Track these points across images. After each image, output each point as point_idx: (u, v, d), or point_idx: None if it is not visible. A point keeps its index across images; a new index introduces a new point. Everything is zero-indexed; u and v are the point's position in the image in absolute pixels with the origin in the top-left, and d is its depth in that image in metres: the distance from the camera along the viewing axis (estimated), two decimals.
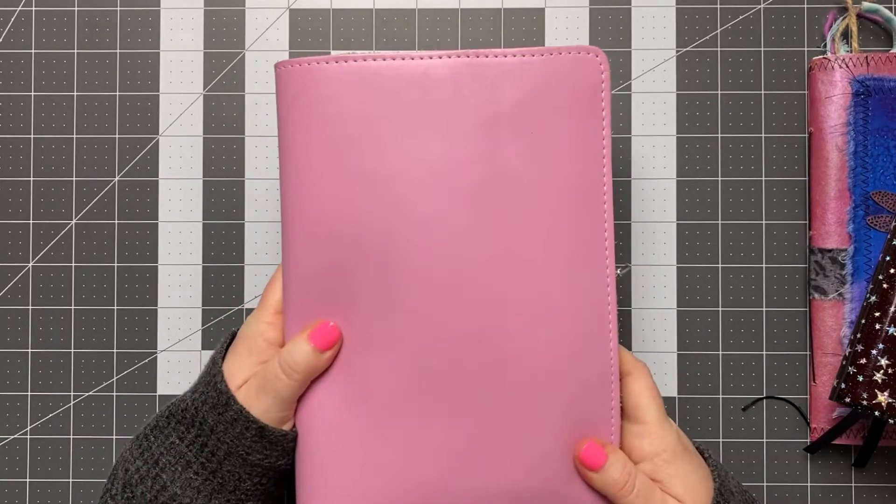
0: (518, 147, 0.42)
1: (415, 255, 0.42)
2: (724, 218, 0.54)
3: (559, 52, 0.43)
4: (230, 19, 0.55)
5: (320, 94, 0.43)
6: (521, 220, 0.43)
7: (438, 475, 0.43)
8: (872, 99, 0.51)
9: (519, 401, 0.43)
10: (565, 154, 0.43)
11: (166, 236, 0.55)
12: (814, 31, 0.55)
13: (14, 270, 0.55)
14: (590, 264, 0.43)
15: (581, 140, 0.43)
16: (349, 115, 0.43)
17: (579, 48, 0.43)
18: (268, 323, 0.44)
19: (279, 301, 0.45)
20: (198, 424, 0.43)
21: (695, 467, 0.44)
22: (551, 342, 0.43)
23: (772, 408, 0.54)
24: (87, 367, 0.54)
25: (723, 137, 0.54)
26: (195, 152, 0.55)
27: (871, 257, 0.51)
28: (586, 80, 0.43)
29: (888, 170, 0.51)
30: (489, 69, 0.42)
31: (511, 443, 0.43)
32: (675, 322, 0.54)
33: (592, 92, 0.43)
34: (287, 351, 0.43)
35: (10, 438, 0.54)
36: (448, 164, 0.42)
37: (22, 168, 0.55)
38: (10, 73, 0.55)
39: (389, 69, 0.42)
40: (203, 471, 0.43)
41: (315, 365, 0.43)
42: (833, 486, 0.53)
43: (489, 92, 0.42)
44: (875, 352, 0.47)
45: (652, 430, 0.44)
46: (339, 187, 0.43)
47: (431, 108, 0.42)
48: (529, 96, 0.42)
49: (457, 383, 0.43)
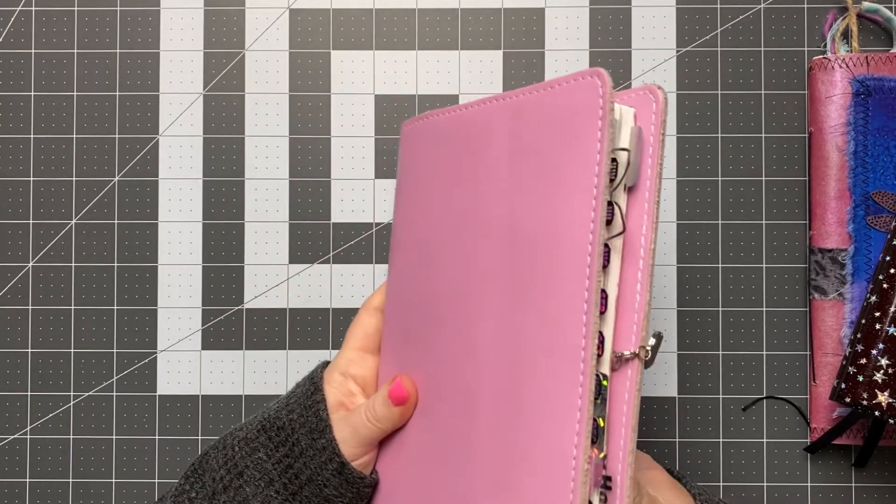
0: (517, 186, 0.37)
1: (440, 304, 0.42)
2: (724, 218, 0.54)
3: (565, 81, 0.35)
4: (230, 19, 0.55)
5: (424, 146, 0.44)
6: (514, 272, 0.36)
7: None
8: (872, 99, 0.51)
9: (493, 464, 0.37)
10: (547, 194, 0.35)
11: (166, 236, 0.55)
12: (814, 31, 0.55)
13: (14, 270, 0.55)
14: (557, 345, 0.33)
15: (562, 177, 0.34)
16: (431, 166, 0.43)
17: (584, 73, 0.34)
18: (346, 359, 0.46)
19: (360, 339, 0.46)
20: (289, 445, 0.44)
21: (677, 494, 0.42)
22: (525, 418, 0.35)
23: (772, 408, 0.54)
24: (87, 367, 0.54)
25: (723, 137, 0.54)
26: (195, 152, 0.55)
27: (871, 257, 0.51)
28: (578, 107, 0.34)
29: (888, 170, 0.51)
30: (508, 109, 0.38)
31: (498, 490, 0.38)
32: (675, 322, 0.54)
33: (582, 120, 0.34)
34: (372, 399, 0.44)
35: (10, 438, 0.54)
36: (471, 206, 0.40)
37: (22, 168, 0.55)
38: (10, 73, 0.55)
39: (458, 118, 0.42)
40: (284, 491, 0.44)
41: (391, 418, 0.44)
42: (833, 486, 0.53)
43: (504, 132, 0.38)
44: (875, 352, 0.47)
45: None
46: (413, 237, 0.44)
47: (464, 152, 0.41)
48: (535, 133, 0.36)
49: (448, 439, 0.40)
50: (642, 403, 0.54)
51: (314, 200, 0.55)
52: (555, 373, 0.33)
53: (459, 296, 0.39)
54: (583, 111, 0.34)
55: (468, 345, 0.38)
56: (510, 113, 0.38)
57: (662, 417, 0.53)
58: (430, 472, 0.41)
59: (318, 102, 0.55)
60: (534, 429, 0.34)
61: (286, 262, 0.55)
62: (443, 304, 0.41)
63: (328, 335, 0.54)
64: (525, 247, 0.36)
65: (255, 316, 0.55)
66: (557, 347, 0.33)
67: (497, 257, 0.37)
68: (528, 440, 0.34)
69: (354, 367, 0.46)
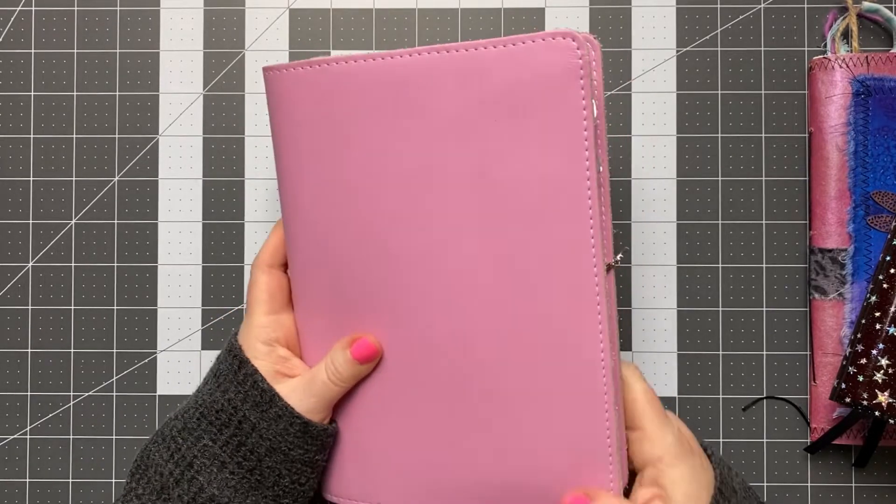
0: (494, 141, 0.40)
1: (390, 255, 0.42)
2: (724, 218, 0.54)
3: (532, 39, 0.39)
4: (230, 19, 0.55)
5: (302, 98, 0.43)
6: (496, 216, 0.40)
7: (426, 461, 0.44)
8: (872, 99, 0.51)
9: (501, 402, 0.42)
10: (541, 145, 0.39)
11: (166, 236, 0.55)
12: (814, 31, 0.55)
13: (14, 270, 0.55)
14: (573, 257, 0.40)
15: (557, 129, 0.39)
16: (330, 119, 0.42)
17: (555, 33, 0.38)
18: (261, 326, 0.46)
19: (268, 303, 0.46)
20: (235, 424, 0.44)
21: (696, 471, 0.43)
22: (531, 341, 0.41)
23: (772, 408, 0.54)
24: (87, 367, 0.54)
25: (723, 137, 0.54)
26: (195, 152, 0.55)
27: (871, 257, 0.51)
28: (561, 66, 0.38)
29: (888, 170, 0.51)
30: (465, 62, 0.40)
31: (498, 442, 0.42)
32: (675, 322, 0.54)
33: (569, 78, 0.38)
34: (330, 363, 0.44)
35: (10, 438, 0.54)
36: (425, 163, 0.41)
37: (22, 168, 0.55)
38: (10, 73, 0.55)
39: (364, 70, 0.41)
40: (239, 469, 0.44)
41: (358, 374, 0.45)
42: (833, 486, 0.53)
43: (465, 85, 0.40)
44: (875, 352, 0.47)
45: (651, 435, 0.43)
46: (324, 193, 0.43)
47: (405, 105, 0.41)
48: (504, 87, 0.39)
49: (434, 381, 0.43)
50: None
51: None
52: (576, 292, 0.40)
53: (429, 250, 0.41)
54: (564, 71, 0.38)
55: (453, 297, 0.41)
56: (469, 67, 0.40)
57: None
58: (412, 422, 0.43)
59: None
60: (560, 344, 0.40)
61: None
62: (403, 260, 0.42)
63: None
64: (510, 197, 0.40)
65: None
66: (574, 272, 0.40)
67: (473, 210, 0.40)
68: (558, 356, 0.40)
69: (273, 332, 0.46)
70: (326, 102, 0.42)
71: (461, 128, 0.40)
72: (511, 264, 0.40)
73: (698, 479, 0.43)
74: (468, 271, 0.41)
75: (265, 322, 0.46)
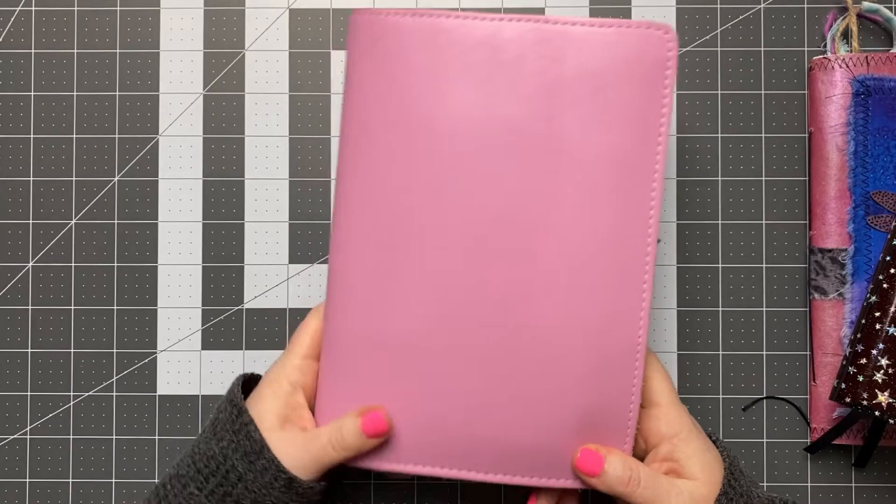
0: (575, 115, 0.43)
1: (461, 208, 0.43)
2: (724, 218, 0.54)
3: (627, 25, 0.42)
4: (230, 19, 0.55)
5: (392, 45, 0.44)
6: (567, 186, 0.43)
7: (451, 414, 0.44)
8: (872, 99, 0.51)
9: (540, 361, 0.43)
10: (621, 126, 0.43)
11: (166, 236, 0.55)
12: (814, 31, 0.55)
13: (14, 270, 0.55)
14: (630, 238, 0.43)
15: (639, 114, 0.43)
16: (418, 69, 0.43)
17: (649, 23, 0.42)
18: (294, 367, 0.45)
19: (309, 346, 0.46)
20: (223, 473, 0.43)
21: (708, 446, 0.45)
22: (580, 311, 0.43)
23: (772, 408, 0.54)
24: (87, 367, 0.54)
25: (723, 137, 0.54)
26: (195, 152, 0.55)
27: (871, 257, 0.51)
28: (651, 56, 0.42)
29: (888, 170, 0.51)
30: (555, 36, 0.43)
31: (526, 400, 0.43)
32: (675, 322, 0.54)
33: (657, 68, 0.43)
34: (338, 428, 0.43)
35: (10, 438, 0.54)
36: (506, 123, 0.43)
37: (22, 168, 0.55)
38: (10, 73, 0.55)
39: (461, 27, 0.43)
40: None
41: (361, 447, 0.43)
42: (833, 486, 0.53)
43: (553, 58, 0.43)
44: (875, 352, 0.47)
45: (667, 411, 0.45)
46: (401, 139, 0.44)
47: (496, 68, 0.43)
48: (592, 66, 0.42)
49: (483, 333, 0.43)
50: None
51: (314, 200, 0.55)
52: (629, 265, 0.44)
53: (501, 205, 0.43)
54: (655, 62, 0.43)
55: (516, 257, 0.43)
56: (561, 42, 0.43)
57: None
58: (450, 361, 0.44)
59: (319, 102, 0.55)
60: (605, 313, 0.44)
61: (286, 262, 0.55)
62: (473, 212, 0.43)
63: None
64: (584, 170, 0.43)
65: (255, 316, 0.55)
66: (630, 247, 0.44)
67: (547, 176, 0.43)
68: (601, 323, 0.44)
69: (302, 376, 0.45)
70: (417, 53, 0.43)
71: (544, 95, 0.43)
72: (564, 228, 0.43)
73: (710, 454, 0.45)
74: (534, 232, 0.43)
75: (299, 364, 0.45)
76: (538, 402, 0.43)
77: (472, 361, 0.44)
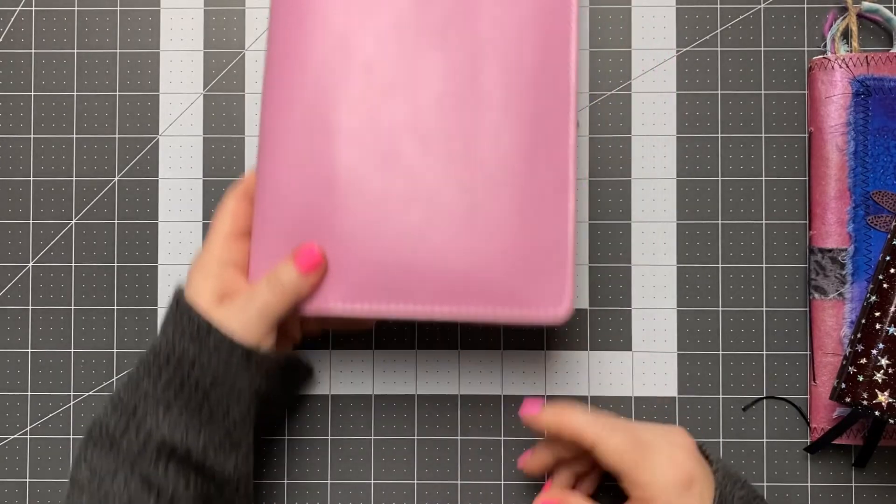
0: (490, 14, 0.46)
1: (397, 44, 0.46)
2: (724, 218, 0.54)
3: None
4: (230, 19, 0.55)
5: None
6: (489, 63, 0.46)
7: (389, 249, 0.45)
8: (872, 99, 0.51)
9: (475, 189, 0.45)
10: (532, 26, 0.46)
11: (166, 236, 0.55)
12: (814, 31, 0.55)
13: (14, 270, 0.55)
14: (555, 69, 0.46)
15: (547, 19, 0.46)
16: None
17: None
18: (218, 246, 0.45)
19: (231, 225, 0.46)
20: (174, 362, 0.43)
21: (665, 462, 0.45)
22: (514, 138, 0.45)
23: (772, 408, 0.54)
24: (87, 367, 0.54)
25: (723, 137, 0.54)
26: (195, 152, 0.55)
27: (871, 257, 0.51)
28: None
29: (888, 169, 0.51)
30: None
31: (462, 229, 0.45)
32: (675, 322, 0.54)
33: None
34: (274, 274, 0.44)
35: (10, 438, 0.54)
36: (422, 14, 0.46)
37: (22, 168, 0.55)
38: (10, 73, 0.55)
39: None
40: (187, 408, 0.43)
41: (300, 286, 0.44)
42: (833, 486, 0.53)
43: None
44: (875, 352, 0.47)
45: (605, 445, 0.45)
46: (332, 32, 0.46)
47: None
48: None
49: (419, 164, 0.45)
50: (641, 403, 0.54)
51: None
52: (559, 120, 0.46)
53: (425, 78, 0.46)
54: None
55: (447, 107, 0.46)
56: None
57: (662, 417, 0.53)
58: (381, 211, 0.45)
59: None
60: (541, 156, 0.46)
61: None
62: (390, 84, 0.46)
63: (328, 334, 0.54)
64: (502, 29, 0.46)
65: None
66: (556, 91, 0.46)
67: (466, 41, 0.46)
68: (538, 166, 0.46)
69: (228, 253, 0.45)
70: None
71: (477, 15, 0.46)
72: (507, 60, 0.46)
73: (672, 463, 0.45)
74: (472, 59, 0.46)
75: (222, 243, 0.45)
76: (474, 231, 0.45)
77: (408, 194, 0.45)
